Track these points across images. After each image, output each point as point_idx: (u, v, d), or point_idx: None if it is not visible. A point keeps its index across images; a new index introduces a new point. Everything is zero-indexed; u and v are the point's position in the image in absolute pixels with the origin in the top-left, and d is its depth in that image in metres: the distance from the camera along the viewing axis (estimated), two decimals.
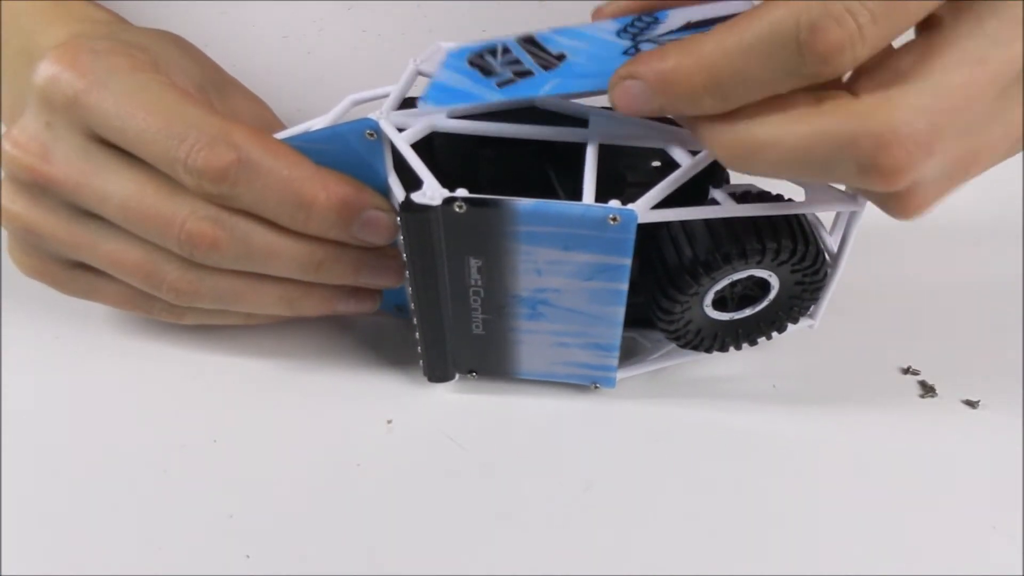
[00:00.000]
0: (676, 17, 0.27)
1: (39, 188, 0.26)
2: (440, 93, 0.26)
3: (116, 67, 0.25)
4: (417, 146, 0.26)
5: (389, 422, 0.30)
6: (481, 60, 0.27)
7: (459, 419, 0.30)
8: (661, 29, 0.26)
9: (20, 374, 0.31)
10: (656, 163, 0.27)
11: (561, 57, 0.26)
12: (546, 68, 0.26)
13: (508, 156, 0.27)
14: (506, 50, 0.27)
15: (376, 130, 0.26)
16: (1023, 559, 0.25)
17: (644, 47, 0.26)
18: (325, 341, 0.33)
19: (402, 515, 0.26)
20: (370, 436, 0.29)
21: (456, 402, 0.31)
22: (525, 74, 0.26)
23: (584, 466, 0.28)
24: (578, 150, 0.26)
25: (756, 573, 0.25)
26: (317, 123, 0.28)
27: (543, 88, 0.25)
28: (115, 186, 0.25)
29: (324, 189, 0.25)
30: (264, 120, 0.31)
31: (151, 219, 0.25)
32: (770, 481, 0.28)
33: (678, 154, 0.25)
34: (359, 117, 0.27)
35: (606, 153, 0.26)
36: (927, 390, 0.32)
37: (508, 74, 0.26)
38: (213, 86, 0.29)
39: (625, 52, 0.25)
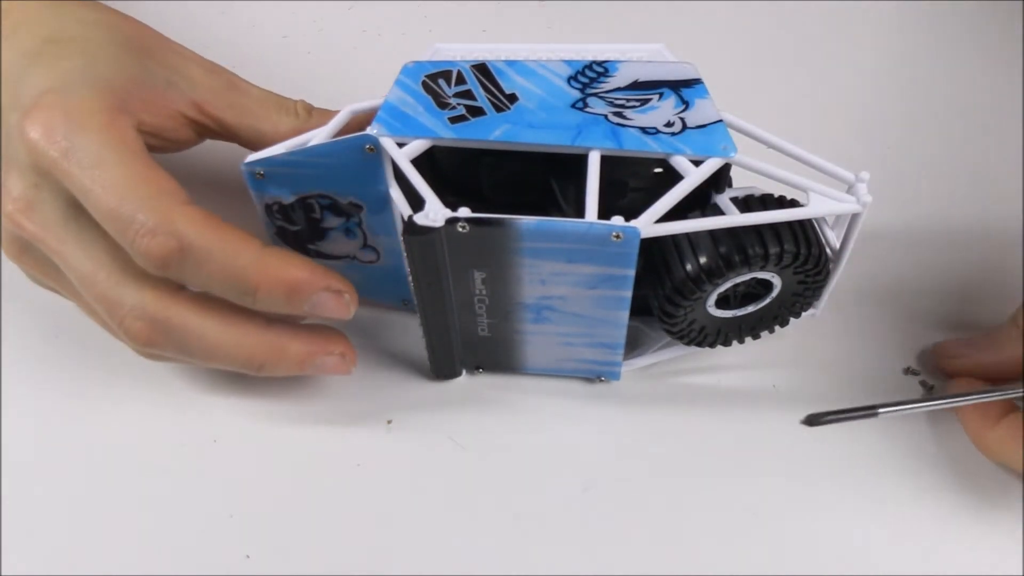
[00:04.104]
0: (625, 73, 0.28)
1: (26, 240, 0.27)
2: (393, 118, 0.27)
3: (86, 129, 0.25)
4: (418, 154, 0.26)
5: (389, 422, 0.30)
6: (435, 85, 0.28)
7: (459, 418, 0.30)
8: (610, 84, 0.28)
9: (20, 371, 0.31)
10: (658, 169, 0.27)
11: (512, 98, 0.27)
12: (498, 110, 0.27)
13: (510, 163, 0.27)
14: (460, 78, 0.28)
15: (376, 145, 0.26)
16: (1023, 559, 0.25)
17: (592, 102, 0.27)
18: None
19: (402, 515, 0.26)
20: (370, 436, 0.29)
21: (457, 401, 0.31)
22: (477, 112, 0.27)
23: (584, 467, 0.28)
24: (580, 157, 0.26)
25: (755, 573, 0.25)
26: (316, 136, 0.28)
27: (493, 132, 0.26)
28: (76, 261, 0.26)
29: (267, 275, 0.25)
30: (228, 84, 0.31)
31: (99, 301, 0.26)
32: (770, 481, 0.28)
33: (680, 163, 0.26)
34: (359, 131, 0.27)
35: (608, 159, 0.26)
36: (927, 390, 0.32)
37: (461, 110, 0.27)
38: (173, 73, 0.29)
39: (574, 104, 0.27)
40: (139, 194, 0.25)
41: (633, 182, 0.27)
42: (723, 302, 0.29)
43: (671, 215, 0.25)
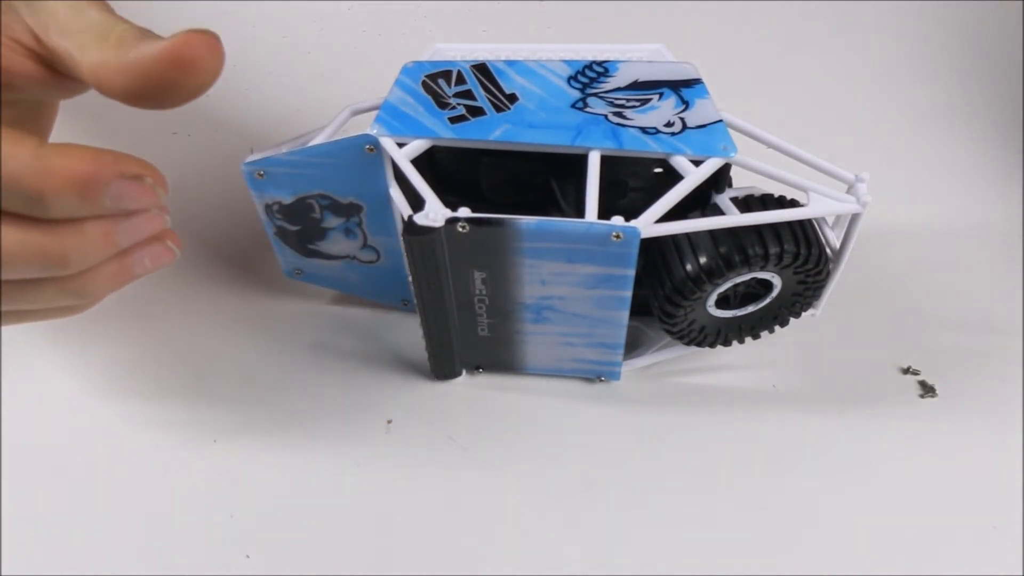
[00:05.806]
0: (625, 73, 0.28)
1: None
2: (393, 118, 0.27)
3: None
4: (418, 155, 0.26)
5: (389, 422, 0.30)
6: (435, 85, 0.28)
7: (459, 418, 0.30)
8: (610, 84, 0.28)
9: (21, 366, 0.31)
10: (658, 169, 0.27)
11: (512, 98, 0.27)
12: (498, 110, 0.27)
13: (510, 163, 0.27)
14: (460, 78, 0.28)
15: (376, 145, 0.26)
16: (1023, 559, 0.25)
17: (592, 101, 0.27)
18: (325, 339, 0.33)
19: (402, 515, 0.26)
20: (370, 436, 0.29)
21: (457, 400, 0.31)
22: (477, 112, 0.27)
23: (584, 467, 0.28)
24: (580, 157, 0.26)
25: (756, 573, 0.25)
26: (316, 136, 0.28)
27: (493, 132, 0.26)
28: None
29: (49, 177, 0.22)
30: (73, 7, 0.24)
31: None
32: (770, 481, 0.28)
33: (680, 163, 0.26)
34: (358, 128, 0.27)
35: (608, 159, 0.26)
36: (927, 390, 0.32)
37: (461, 110, 0.27)
38: None
39: (574, 104, 0.27)
40: None
41: (633, 182, 0.27)
42: (723, 302, 0.29)
43: (671, 215, 0.25)
